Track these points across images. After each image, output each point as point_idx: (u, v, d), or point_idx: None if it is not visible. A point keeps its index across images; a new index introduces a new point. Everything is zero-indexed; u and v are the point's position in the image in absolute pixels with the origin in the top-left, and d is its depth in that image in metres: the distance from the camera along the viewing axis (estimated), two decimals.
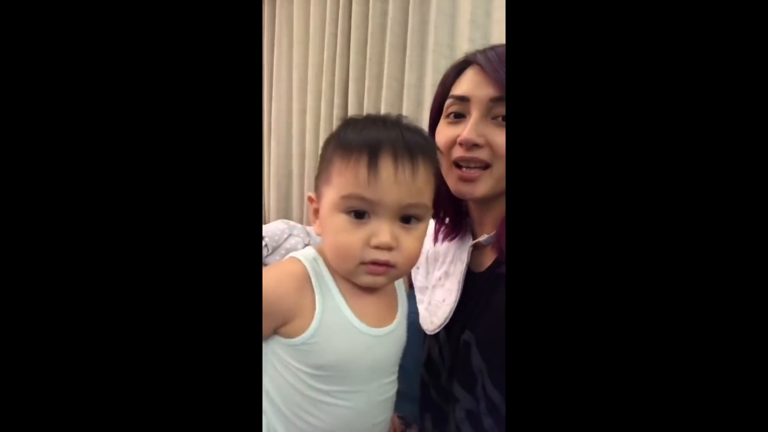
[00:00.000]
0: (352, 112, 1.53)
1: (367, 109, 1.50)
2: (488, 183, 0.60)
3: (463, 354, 0.62)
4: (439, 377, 0.66)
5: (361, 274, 0.49)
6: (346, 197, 0.48)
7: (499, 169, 0.59)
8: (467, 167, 0.60)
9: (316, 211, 0.53)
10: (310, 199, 0.55)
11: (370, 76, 1.48)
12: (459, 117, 0.61)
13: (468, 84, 0.61)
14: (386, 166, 0.47)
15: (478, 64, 0.60)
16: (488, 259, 0.66)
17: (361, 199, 0.47)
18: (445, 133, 0.62)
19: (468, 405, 0.61)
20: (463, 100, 0.60)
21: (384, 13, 1.46)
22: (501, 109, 0.58)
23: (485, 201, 0.63)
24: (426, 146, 0.51)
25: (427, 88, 1.36)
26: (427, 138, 0.54)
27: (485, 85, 0.59)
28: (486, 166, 0.59)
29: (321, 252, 0.53)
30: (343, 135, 0.50)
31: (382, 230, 0.47)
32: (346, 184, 0.48)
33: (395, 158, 0.47)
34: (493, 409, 0.58)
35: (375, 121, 0.52)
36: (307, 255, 0.53)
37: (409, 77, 1.40)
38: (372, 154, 0.47)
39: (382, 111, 1.46)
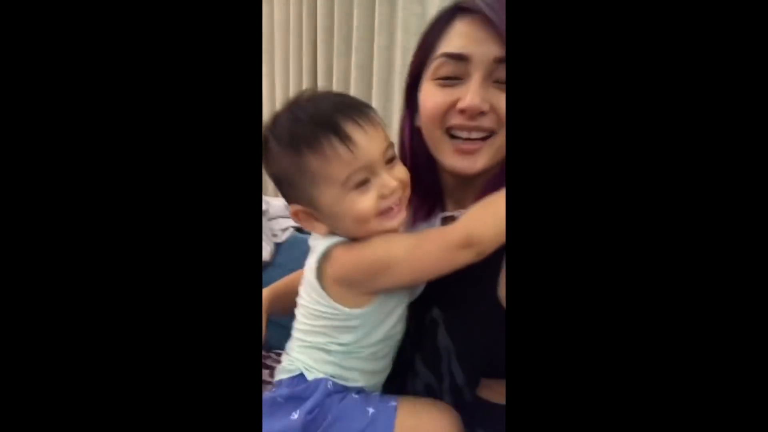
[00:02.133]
0: (321, 76, 1.46)
1: (337, 73, 1.43)
2: (488, 155, 0.53)
3: (430, 331, 0.59)
4: (402, 348, 0.64)
5: (381, 224, 0.53)
6: (346, 180, 0.51)
7: (500, 137, 0.52)
8: (467, 138, 0.53)
9: (310, 215, 0.55)
10: (296, 213, 0.56)
11: (339, 38, 1.40)
12: (453, 79, 0.53)
13: (464, 39, 0.52)
14: (355, 131, 0.50)
15: (480, 12, 0.50)
16: None
17: (358, 171, 0.50)
18: (435, 97, 0.54)
19: (428, 380, 0.60)
20: (460, 59, 0.51)
21: None
22: (503, 72, 0.50)
23: (471, 176, 0.57)
24: (364, 105, 0.54)
25: (398, 50, 1.29)
26: (356, 99, 0.56)
27: (488, 42, 0.50)
28: (489, 135, 0.53)
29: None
30: (294, 141, 0.52)
31: (386, 181, 0.52)
32: (338, 169, 0.50)
33: (355, 120, 0.51)
34: (455, 389, 0.57)
35: (298, 105, 0.54)
36: (334, 242, 0.55)
37: (378, 39, 1.33)
38: (334, 131, 0.50)
39: (353, 75, 1.40)
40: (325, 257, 0.55)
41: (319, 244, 0.56)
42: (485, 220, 0.51)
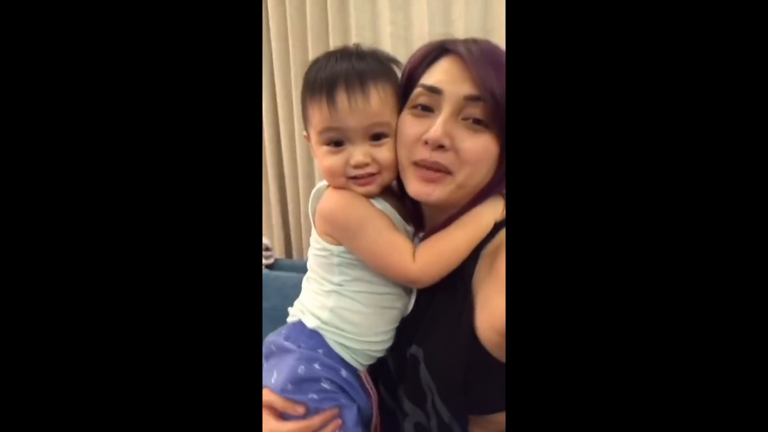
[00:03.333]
0: (281, 103, 1.49)
1: (296, 100, 1.46)
2: (446, 189, 0.56)
3: (411, 369, 0.62)
4: (392, 386, 0.67)
5: (353, 188, 0.60)
6: (321, 132, 0.59)
7: (463, 176, 0.55)
8: (427, 168, 0.56)
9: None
10: (307, 137, 0.65)
11: (296, 63, 1.43)
12: (426, 110, 0.57)
13: (443, 75, 0.56)
14: (341, 98, 0.57)
15: (459, 55, 0.55)
16: None
17: (331, 130, 0.58)
18: (408, 127, 0.58)
19: (418, 418, 0.62)
20: (435, 92, 0.56)
21: None
22: (474, 110, 0.54)
23: (437, 207, 0.60)
24: (377, 70, 0.59)
25: None
26: (380, 60, 0.61)
27: (462, 81, 0.54)
28: (448, 172, 0.56)
29: None
30: (309, 77, 0.61)
31: (356, 152, 0.58)
32: (319, 121, 0.59)
33: (347, 89, 0.57)
34: (443, 427, 0.59)
35: (330, 57, 0.61)
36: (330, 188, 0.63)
37: None
38: (328, 90, 0.57)
39: None
40: (317, 193, 0.63)
41: (321, 185, 0.64)
42: (435, 264, 0.58)
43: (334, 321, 0.62)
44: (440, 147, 0.55)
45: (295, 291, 0.75)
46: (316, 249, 0.64)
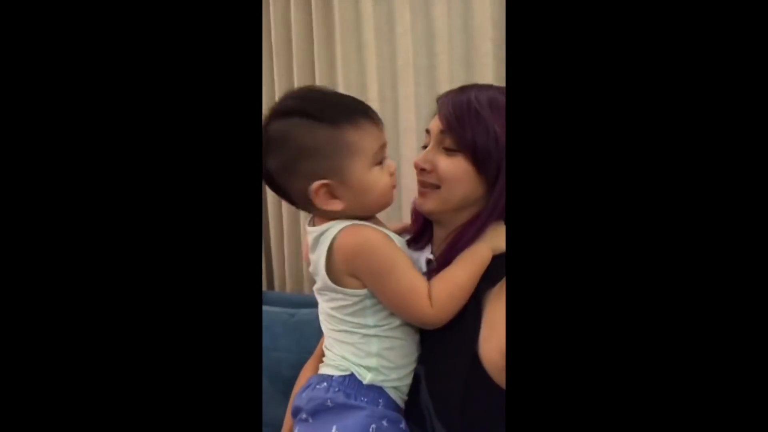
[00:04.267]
0: None
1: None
2: (435, 201, 0.69)
3: (413, 388, 0.63)
4: None
5: (390, 200, 0.66)
6: (376, 152, 0.62)
7: (446, 191, 0.68)
8: (422, 186, 0.71)
9: (329, 192, 0.61)
10: (317, 190, 0.60)
11: (280, 93, 1.45)
12: (426, 147, 0.73)
13: (434, 119, 0.72)
14: (376, 116, 0.63)
15: (439, 103, 0.71)
16: None
17: (382, 147, 0.63)
18: (418, 156, 0.74)
19: None
20: (427, 132, 0.73)
21: (287, 26, 1.43)
22: (446, 140, 0.68)
23: (436, 219, 0.72)
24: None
25: None
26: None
27: (438, 120, 0.70)
28: (435, 187, 0.68)
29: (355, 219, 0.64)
30: (327, 118, 0.59)
31: (390, 164, 0.65)
32: (371, 142, 0.61)
33: (369, 113, 0.62)
34: None
35: (323, 96, 0.64)
36: (343, 225, 0.62)
37: None
38: (368, 114, 0.62)
39: None
40: (324, 237, 0.61)
41: (330, 227, 0.62)
42: (450, 307, 0.61)
43: (383, 365, 0.63)
44: (423, 170, 0.70)
45: (284, 329, 0.73)
46: (341, 300, 0.63)
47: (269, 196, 1.52)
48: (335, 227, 0.61)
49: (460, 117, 0.66)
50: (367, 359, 0.62)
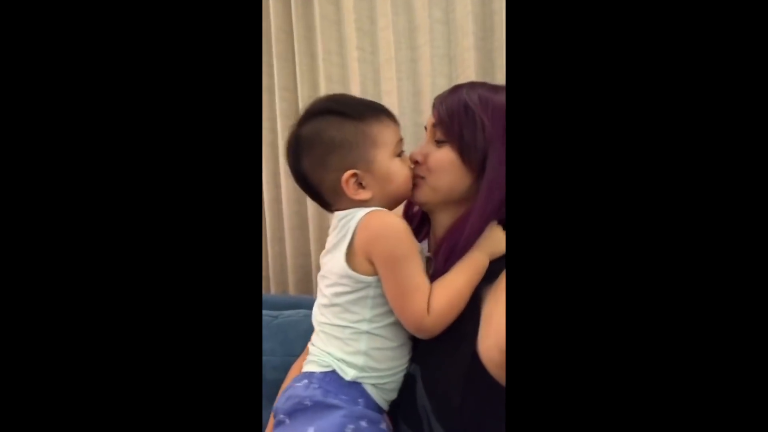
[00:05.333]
0: None
1: (266, 122, 1.44)
2: (424, 191, 0.72)
3: (408, 388, 0.62)
4: (392, 410, 0.66)
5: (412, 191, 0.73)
6: (396, 144, 0.70)
7: (433, 180, 0.71)
8: (416, 177, 0.74)
9: (358, 182, 0.68)
10: (347, 180, 0.67)
11: (263, 89, 1.42)
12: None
13: (429, 118, 0.76)
14: (391, 113, 0.72)
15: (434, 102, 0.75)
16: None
17: (401, 141, 0.72)
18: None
19: None
20: (425, 128, 0.78)
21: (266, 18, 1.40)
22: (437, 134, 0.72)
23: (430, 210, 0.76)
24: None
25: None
26: None
27: (432, 116, 0.74)
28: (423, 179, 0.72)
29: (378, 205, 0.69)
30: (355, 113, 0.68)
31: (407, 157, 0.73)
32: (392, 136, 0.70)
33: (383, 109, 0.72)
34: None
35: (348, 98, 0.76)
36: (371, 209, 0.67)
37: (302, 88, 1.37)
38: (386, 112, 0.71)
39: (278, 123, 1.42)
40: (355, 222, 0.65)
41: (358, 211, 0.66)
42: (447, 316, 0.62)
43: (369, 364, 0.63)
44: (416, 162, 0.74)
45: (267, 332, 0.73)
46: (343, 284, 0.64)
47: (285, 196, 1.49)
48: (363, 211, 0.66)
49: (449, 109, 0.69)
50: (355, 356, 0.62)
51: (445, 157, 0.70)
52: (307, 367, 0.66)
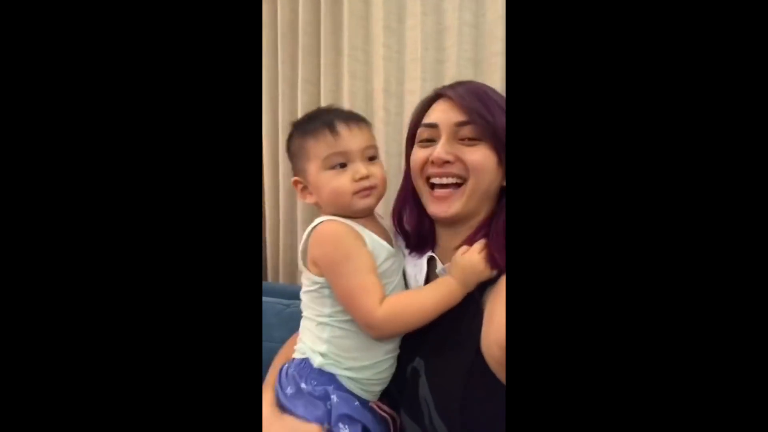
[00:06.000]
0: (266, 117, 1.46)
1: (282, 114, 1.44)
2: (460, 201, 0.66)
3: (411, 382, 0.63)
4: (394, 402, 0.68)
5: (356, 202, 0.71)
6: (326, 158, 0.71)
7: (472, 184, 0.66)
8: (440, 186, 0.68)
9: (305, 188, 0.76)
10: (296, 182, 0.77)
11: (284, 82, 1.42)
12: (430, 142, 0.70)
13: (437, 113, 0.70)
14: (341, 127, 0.71)
15: (447, 96, 0.69)
16: None
17: (337, 154, 0.71)
18: (417, 155, 0.71)
19: None
20: (432, 126, 0.69)
21: (294, 11, 1.40)
22: (466, 132, 0.66)
23: (453, 223, 0.69)
24: (359, 115, 0.76)
25: (345, 93, 1.33)
26: (356, 113, 0.77)
27: (451, 112, 0.67)
28: (460, 181, 0.66)
29: (326, 214, 0.72)
30: (302, 129, 0.74)
31: (359, 168, 0.71)
32: (323, 149, 0.71)
33: (345, 122, 0.72)
34: None
35: (317, 112, 0.78)
36: (325, 218, 0.71)
37: (325, 81, 1.36)
38: (329, 125, 0.71)
39: (299, 115, 1.41)
40: (310, 233, 0.69)
41: (318, 219, 0.71)
42: (398, 318, 0.63)
43: (333, 351, 0.66)
44: (446, 162, 0.66)
45: (278, 320, 0.76)
46: (307, 285, 0.71)
47: (265, 186, 1.50)
48: (320, 219, 0.71)
49: (485, 105, 0.65)
50: (320, 345, 0.68)
51: (486, 156, 0.65)
52: (294, 355, 0.72)
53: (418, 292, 0.66)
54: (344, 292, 0.65)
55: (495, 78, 1.17)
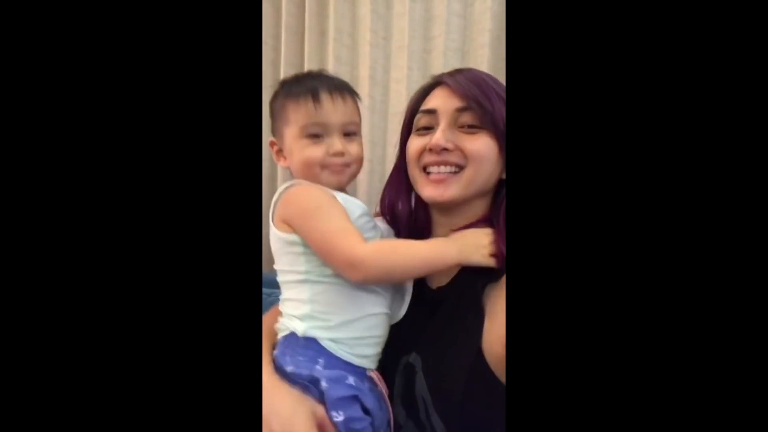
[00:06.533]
0: None
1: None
2: (458, 186, 0.64)
3: (406, 378, 0.62)
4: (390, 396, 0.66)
5: (325, 177, 0.69)
6: (303, 126, 0.68)
7: (470, 172, 0.64)
8: (437, 171, 0.65)
9: (279, 151, 0.74)
10: (272, 143, 0.74)
11: (266, 62, 1.38)
12: (427, 129, 0.68)
13: (435, 99, 0.68)
14: (325, 97, 0.68)
15: (445, 83, 0.67)
16: (445, 276, 0.66)
17: (314, 124, 0.68)
18: (414, 143, 0.69)
19: (412, 431, 0.61)
20: (431, 112, 0.67)
21: None
22: (465, 118, 0.64)
23: (450, 209, 0.67)
24: (347, 85, 0.73)
25: None
26: (346, 82, 0.73)
27: (451, 98, 0.66)
28: (458, 169, 0.64)
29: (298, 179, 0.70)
30: (287, 90, 0.71)
31: (335, 143, 0.68)
32: (302, 116, 0.68)
33: (329, 92, 0.68)
34: None
35: (304, 74, 0.75)
36: (295, 181, 0.69)
37: (308, 66, 1.33)
38: (313, 92, 0.68)
39: None
40: (279, 195, 0.67)
41: (285, 184, 0.68)
42: (384, 257, 0.61)
43: (317, 310, 0.63)
44: (445, 150, 0.64)
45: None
46: (278, 246, 0.67)
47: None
48: (290, 182, 0.69)
49: (484, 93, 0.63)
50: (302, 307, 0.63)
51: (486, 144, 0.63)
52: (278, 335, 0.68)
53: (410, 241, 0.64)
54: (321, 237, 0.61)
55: (481, 69, 1.18)
